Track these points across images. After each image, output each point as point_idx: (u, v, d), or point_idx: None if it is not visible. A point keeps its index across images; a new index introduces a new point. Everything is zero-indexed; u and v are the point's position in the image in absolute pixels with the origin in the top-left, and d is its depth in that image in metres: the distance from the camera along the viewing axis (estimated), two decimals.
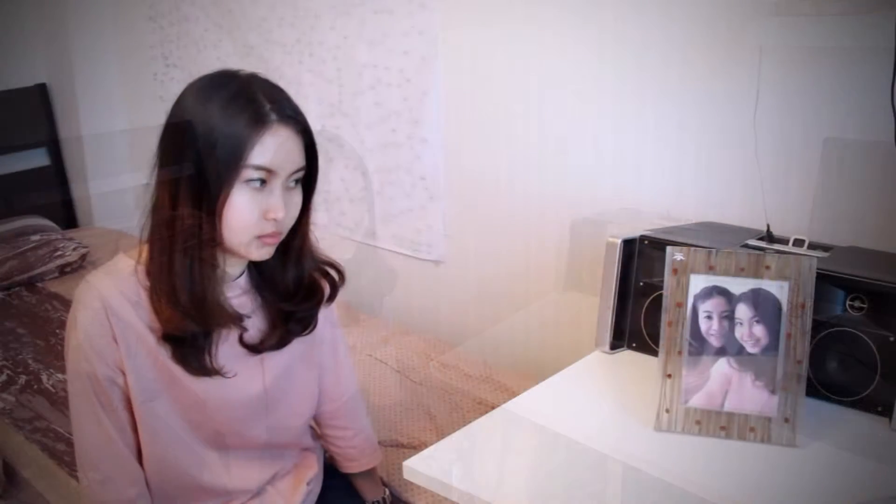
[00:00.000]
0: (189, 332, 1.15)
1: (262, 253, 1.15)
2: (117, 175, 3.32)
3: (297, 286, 1.25)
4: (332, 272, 1.30)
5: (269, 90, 1.13)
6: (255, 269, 1.24)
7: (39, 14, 3.20)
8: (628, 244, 1.46)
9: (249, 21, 2.63)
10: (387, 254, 2.45)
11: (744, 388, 1.21)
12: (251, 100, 1.10)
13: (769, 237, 1.48)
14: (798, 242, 1.42)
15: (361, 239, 2.50)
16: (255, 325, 1.24)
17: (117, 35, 3.22)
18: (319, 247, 1.31)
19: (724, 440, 1.20)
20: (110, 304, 1.13)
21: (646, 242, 1.45)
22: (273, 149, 1.09)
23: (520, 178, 2.06)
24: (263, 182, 1.10)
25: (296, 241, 1.21)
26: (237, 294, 1.22)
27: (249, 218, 1.11)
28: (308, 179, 1.18)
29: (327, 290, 1.29)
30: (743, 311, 1.22)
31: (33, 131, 3.24)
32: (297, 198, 1.16)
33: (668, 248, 1.25)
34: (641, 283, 1.45)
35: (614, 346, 1.48)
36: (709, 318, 1.23)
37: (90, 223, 3.33)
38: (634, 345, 1.48)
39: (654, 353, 1.36)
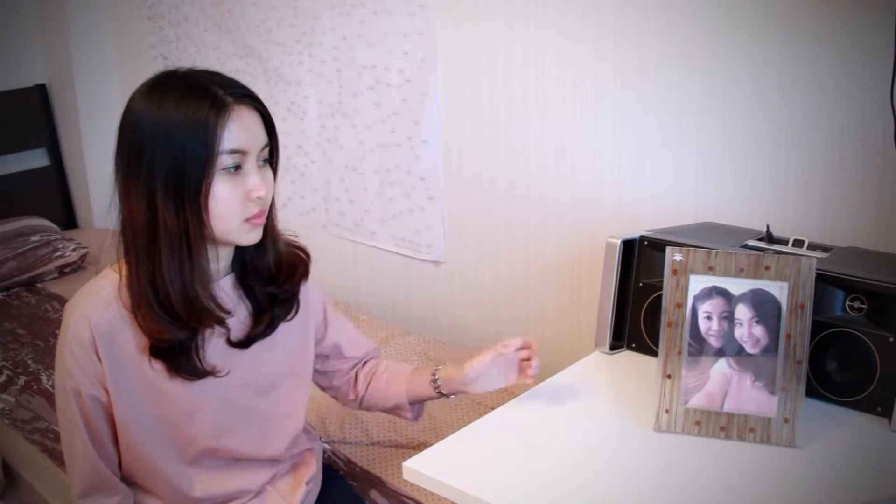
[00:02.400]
0: (176, 337, 1.15)
1: (252, 236, 1.18)
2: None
3: (278, 266, 1.26)
4: (300, 252, 1.32)
5: (214, 77, 1.16)
6: (238, 262, 1.25)
7: (39, 14, 3.20)
8: (628, 244, 1.46)
9: (249, 22, 2.63)
10: (387, 254, 2.45)
11: (743, 389, 1.21)
12: (204, 89, 1.12)
13: (769, 237, 1.48)
14: (798, 243, 1.42)
15: (361, 239, 2.50)
16: (241, 321, 1.25)
17: (117, 35, 3.22)
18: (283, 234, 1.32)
19: (723, 441, 1.20)
20: (94, 322, 1.14)
21: (645, 243, 1.45)
22: (239, 130, 1.12)
23: (520, 178, 2.06)
24: (238, 167, 1.13)
25: (269, 223, 1.23)
26: (227, 291, 1.23)
27: (234, 203, 1.13)
28: (270, 157, 1.20)
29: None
30: (742, 312, 1.22)
31: (33, 131, 3.24)
32: (269, 175, 1.19)
33: (668, 249, 1.25)
34: (641, 284, 1.45)
35: (614, 346, 1.48)
36: (708, 318, 1.23)
37: (90, 223, 3.32)
38: (634, 345, 1.48)
39: (654, 353, 1.36)
